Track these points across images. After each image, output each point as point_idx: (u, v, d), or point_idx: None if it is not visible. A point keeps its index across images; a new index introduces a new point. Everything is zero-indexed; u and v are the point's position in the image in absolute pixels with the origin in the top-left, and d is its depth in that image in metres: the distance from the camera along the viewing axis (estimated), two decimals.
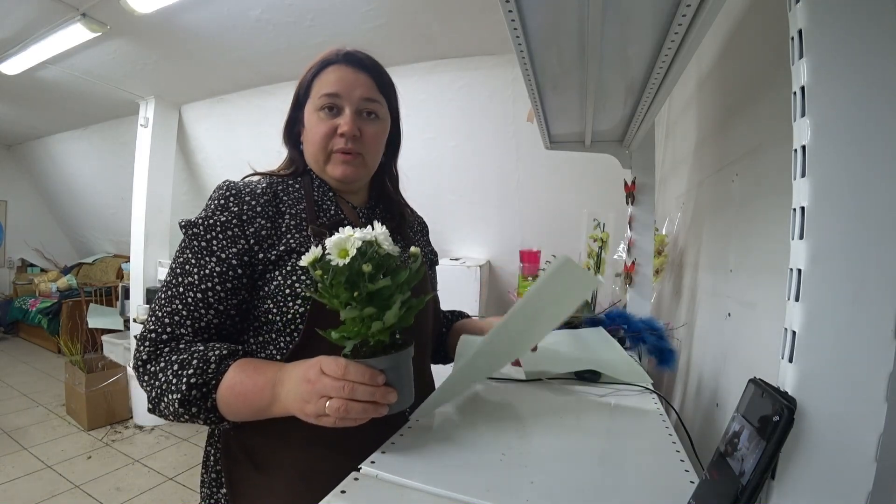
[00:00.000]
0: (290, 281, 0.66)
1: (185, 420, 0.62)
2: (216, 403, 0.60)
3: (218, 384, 0.60)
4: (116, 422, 2.95)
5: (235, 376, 0.60)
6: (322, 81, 0.73)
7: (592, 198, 2.42)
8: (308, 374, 0.54)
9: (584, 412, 0.75)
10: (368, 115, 0.75)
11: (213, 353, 0.62)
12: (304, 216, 0.71)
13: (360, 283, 0.50)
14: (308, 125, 0.75)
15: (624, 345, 1.10)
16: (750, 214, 0.83)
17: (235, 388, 0.60)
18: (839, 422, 0.34)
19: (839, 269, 0.35)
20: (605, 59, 0.78)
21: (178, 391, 0.59)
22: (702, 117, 1.28)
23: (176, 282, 0.66)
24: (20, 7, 2.21)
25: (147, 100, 3.39)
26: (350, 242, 0.49)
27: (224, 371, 0.61)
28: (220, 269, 0.66)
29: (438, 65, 2.49)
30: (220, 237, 0.67)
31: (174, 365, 0.61)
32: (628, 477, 0.56)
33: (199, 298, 0.65)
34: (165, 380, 0.61)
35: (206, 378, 0.60)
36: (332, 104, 0.73)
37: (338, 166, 0.74)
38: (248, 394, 0.60)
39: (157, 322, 0.65)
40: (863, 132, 0.34)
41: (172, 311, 0.65)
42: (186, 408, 0.60)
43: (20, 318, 4.88)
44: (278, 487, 0.65)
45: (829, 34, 0.35)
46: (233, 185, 0.70)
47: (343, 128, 0.72)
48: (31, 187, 5.56)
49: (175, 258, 0.68)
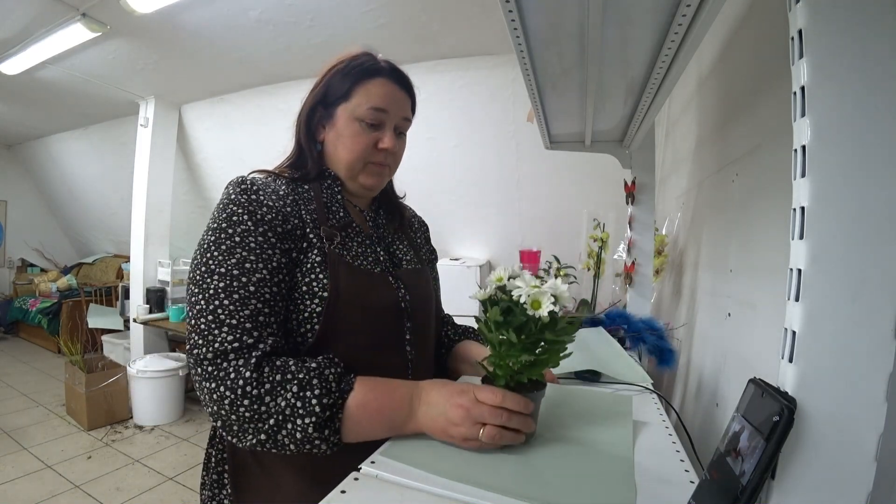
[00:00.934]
0: (308, 279, 0.66)
1: (306, 449, 0.57)
2: (341, 425, 0.57)
3: (344, 403, 0.58)
4: (116, 422, 2.95)
5: (365, 394, 0.59)
6: (370, 93, 0.72)
7: (592, 198, 2.43)
8: (460, 399, 0.57)
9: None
10: (400, 132, 0.77)
11: (328, 371, 0.59)
12: (316, 216, 0.71)
13: (531, 327, 0.55)
14: (344, 131, 0.73)
15: (624, 345, 1.10)
16: (750, 214, 0.83)
17: (368, 405, 0.58)
18: (839, 422, 0.34)
19: (839, 269, 0.35)
20: (605, 59, 0.78)
21: (311, 413, 0.55)
22: (702, 117, 1.28)
23: (239, 283, 0.60)
24: (20, 7, 2.21)
25: (147, 100, 3.39)
26: (546, 297, 0.54)
27: (349, 390, 0.59)
28: (285, 259, 0.65)
29: (439, 65, 2.49)
30: (273, 231, 0.64)
31: (291, 385, 0.56)
32: None
33: (275, 292, 0.63)
34: (287, 403, 0.56)
35: (333, 398, 0.57)
36: (377, 120, 0.72)
37: (371, 177, 0.75)
38: (384, 410, 0.58)
39: (234, 329, 0.58)
40: (863, 132, 0.34)
41: (253, 313, 0.60)
42: (320, 431, 0.56)
43: (20, 318, 4.88)
44: (284, 487, 0.65)
45: (829, 34, 0.35)
46: (257, 182, 0.68)
47: (386, 144, 0.73)
48: (31, 187, 5.56)
49: (219, 261, 0.61)
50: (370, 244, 0.76)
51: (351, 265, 0.70)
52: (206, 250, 0.62)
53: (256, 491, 0.67)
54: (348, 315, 0.67)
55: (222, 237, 0.62)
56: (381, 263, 0.75)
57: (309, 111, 0.76)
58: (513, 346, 0.57)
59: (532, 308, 0.54)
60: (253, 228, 0.63)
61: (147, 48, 2.60)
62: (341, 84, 0.73)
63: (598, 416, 0.73)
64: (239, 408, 0.55)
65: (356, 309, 0.68)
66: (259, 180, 0.69)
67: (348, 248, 0.72)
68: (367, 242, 0.76)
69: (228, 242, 0.62)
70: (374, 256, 0.75)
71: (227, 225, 0.63)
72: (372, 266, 0.74)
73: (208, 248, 0.62)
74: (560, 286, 0.57)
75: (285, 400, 0.56)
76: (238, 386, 0.56)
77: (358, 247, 0.74)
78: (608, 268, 1.55)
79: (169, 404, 3.01)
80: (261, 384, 0.56)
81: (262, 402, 0.56)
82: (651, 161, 1.35)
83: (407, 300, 0.74)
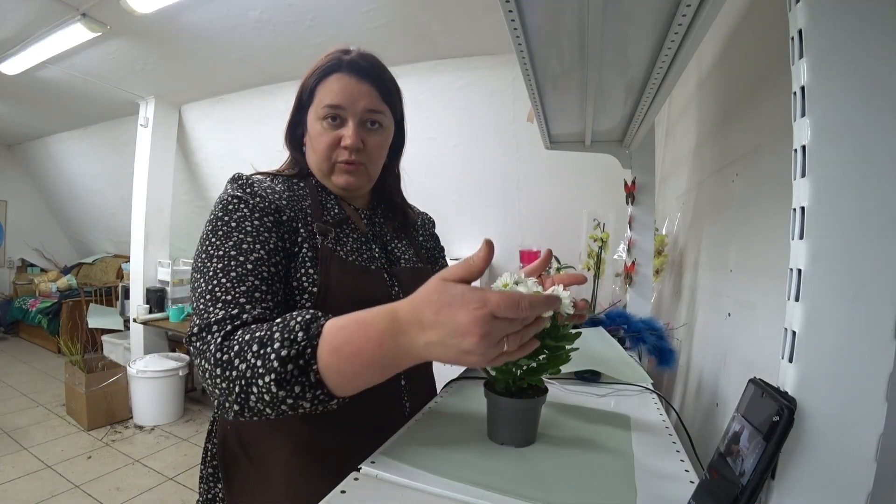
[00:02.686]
0: (298, 274, 0.65)
1: (286, 409, 0.50)
2: (321, 377, 0.49)
3: (315, 351, 0.49)
4: (116, 422, 2.95)
5: (335, 337, 0.49)
6: (325, 90, 0.71)
7: (592, 198, 2.42)
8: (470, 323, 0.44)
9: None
10: (371, 124, 0.74)
11: (293, 321, 0.51)
12: (310, 212, 0.71)
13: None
14: (311, 133, 0.74)
15: (624, 345, 1.10)
16: (750, 214, 0.83)
17: (343, 349, 0.49)
18: (839, 422, 0.34)
19: (839, 269, 0.35)
20: (605, 59, 0.78)
21: (270, 370, 0.49)
22: (702, 117, 1.28)
23: (236, 262, 0.59)
24: (20, 7, 2.21)
25: (147, 100, 3.39)
26: None
27: (317, 334, 0.50)
28: (281, 244, 0.65)
29: (439, 65, 2.49)
30: (269, 217, 0.65)
31: (252, 345, 0.51)
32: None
33: (273, 272, 0.62)
34: (247, 366, 0.50)
35: (298, 348, 0.49)
36: (335, 115, 0.72)
37: (341, 176, 0.74)
38: (362, 353, 0.48)
39: (227, 304, 0.56)
40: (863, 132, 0.34)
41: (250, 289, 0.58)
42: (287, 388, 0.49)
43: (20, 318, 4.88)
44: (274, 481, 0.65)
45: (829, 34, 0.35)
46: (253, 177, 0.69)
47: (346, 141, 0.71)
48: (31, 187, 5.56)
49: (216, 245, 0.61)
50: (365, 241, 0.76)
51: (344, 260, 0.69)
52: (206, 239, 0.63)
53: (246, 485, 0.67)
54: (338, 311, 0.62)
55: (219, 224, 0.63)
56: (377, 260, 0.75)
57: (290, 119, 0.77)
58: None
59: None
60: (249, 214, 0.64)
61: (147, 48, 2.60)
62: (308, 87, 0.74)
63: (598, 418, 0.73)
64: (216, 378, 0.52)
65: (347, 305, 0.63)
66: (257, 176, 0.71)
67: (342, 244, 0.72)
68: (361, 240, 0.76)
69: (225, 228, 0.62)
70: (370, 253, 0.75)
71: (224, 213, 0.64)
72: (367, 262, 0.73)
73: (207, 237, 0.63)
74: (561, 293, 0.57)
75: (246, 362, 0.50)
76: (211, 354, 0.52)
77: (353, 243, 0.74)
78: (608, 268, 1.55)
79: (169, 404, 3.02)
80: (230, 348, 0.52)
81: (232, 366, 0.51)
82: (651, 161, 1.35)
83: (401, 298, 0.71)
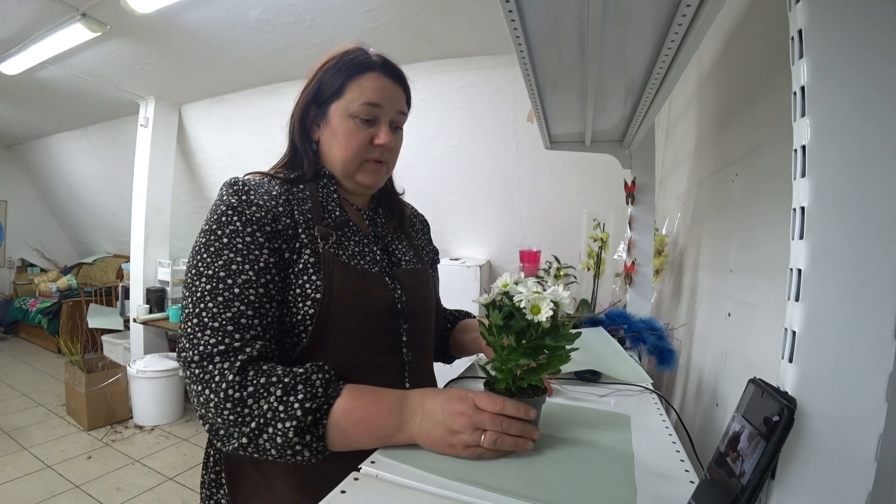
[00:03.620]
0: (300, 280, 0.64)
1: (288, 455, 0.56)
2: (326, 431, 0.56)
3: (330, 409, 0.56)
4: (116, 422, 2.94)
5: (351, 401, 0.57)
6: (363, 87, 0.70)
7: (592, 198, 2.43)
8: (460, 406, 0.56)
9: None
10: (396, 127, 0.76)
11: (316, 376, 0.58)
12: (311, 216, 0.70)
13: (532, 332, 0.56)
14: (338, 129, 0.72)
15: (624, 345, 1.10)
16: (750, 214, 0.83)
17: (354, 412, 0.56)
18: (839, 422, 0.34)
19: (839, 269, 0.35)
20: (605, 59, 0.78)
21: (293, 417, 0.54)
22: (702, 117, 1.28)
23: (224, 286, 0.60)
24: (20, 7, 2.21)
25: (147, 100, 3.39)
26: (545, 303, 0.55)
27: (335, 395, 0.57)
28: (274, 259, 0.63)
29: (438, 65, 2.49)
30: (262, 230, 0.63)
31: (276, 389, 0.56)
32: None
33: (261, 293, 0.61)
34: (269, 407, 0.55)
35: (318, 402, 0.56)
36: (372, 115, 0.71)
37: (369, 175, 0.74)
38: (371, 419, 0.56)
39: (216, 332, 0.58)
40: (863, 132, 0.34)
41: (235, 315, 0.59)
42: (301, 436, 0.54)
43: (20, 318, 4.88)
44: (279, 488, 0.65)
45: (829, 34, 0.35)
46: (249, 182, 0.67)
47: (381, 140, 0.72)
48: (31, 187, 5.56)
49: (206, 263, 0.61)
50: (367, 243, 0.75)
51: (346, 265, 0.68)
52: (197, 253, 0.62)
53: (251, 491, 0.67)
54: (342, 316, 0.65)
55: (212, 239, 0.62)
56: (379, 263, 0.74)
57: (302, 110, 0.74)
58: (514, 350, 0.57)
59: (532, 313, 0.55)
60: (241, 229, 0.62)
61: (147, 48, 2.60)
62: (333, 81, 0.71)
63: (598, 420, 0.73)
64: (223, 411, 0.55)
65: (351, 310, 0.66)
66: (252, 181, 0.68)
67: (344, 247, 0.71)
68: (364, 242, 0.75)
69: (217, 244, 0.62)
70: (372, 256, 0.74)
71: (217, 226, 0.63)
72: (369, 266, 0.72)
73: (199, 252, 0.62)
74: (561, 293, 0.57)
75: (268, 403, 0.55)
76: (221, 389, 0.55)
77: (355, 246, 0.73)
78: (608, 268, 1.55)
79: (169, 404, 3.01)
80: (244, 387, 0.55)
81: (245, 404, 0.55)
82: (651, 161, 1.35)
83: (403, 301, 0.72)
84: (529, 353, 0.57)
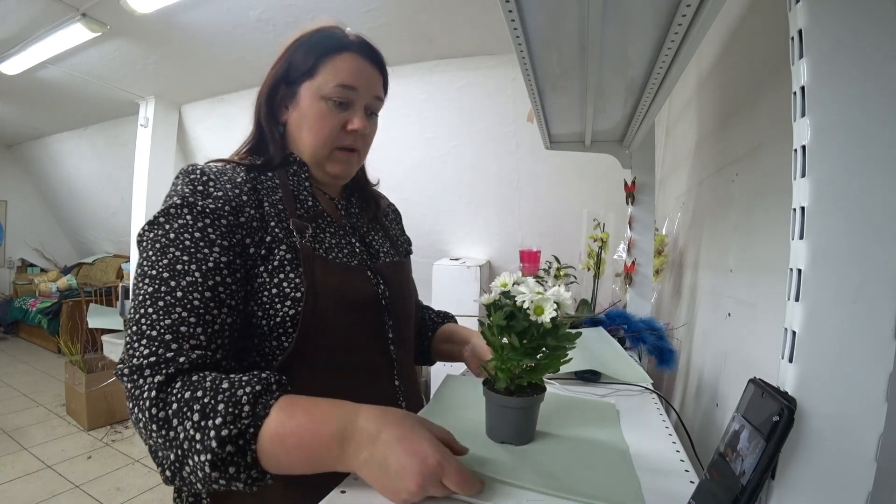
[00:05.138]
0: (276, 279, 0.59)
1: (218, 487, 0.47)
2: (257, 456, 0.47)
3: (258, 432, 0.47)
4: (116, 422, 2.94)
5: (282, 424, 0.47)
6: (337, 68, 0.65)
7: (592, 198, 2.42)
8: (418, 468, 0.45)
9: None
10: (370, 112, 0.71)
11: (242, 391, 0.48)
12: (283, 207, 0.63)
13: (534, 332, 0.56)
14: (308, 112, 0.66)
15: (624, 345, 1.10)
16: (750, 214, 0.83)
17: (286, 439, 0.47)
18: (839, 422, 0.34)
19: (839, 269, 0.35)
20: (605, 59, 0.78)
21: (207, 449, 0.45)
22: (702, 117, 1.28)
23: (167, 288, 0.52)
24: (20, 7, 2.21)
25: (147, 100, 3.39)
26: (549, 304, 0.56)
27: (263, 415, 0.47)
28: (227, 258, 0.56)
29: (438, 65, 2.49)
30: (216, 224, 0.56)
31: (192, 412, 0.46)
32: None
33: (208, 298, 0.54)
34: (185, 435, 0.46)
35: (240, 426, 0.46)
36: (346, 98, 0.66)
37: (338, 164, 0.69)
38: (305, 447, 0.47)
39: (152, 342, 0.50)
40: (863, 132, 0.34)
41: (175, 322, 0.51)
42: (221, 471, 0.45)
43: (20, 318, 4.88)
44: (270, 498, 0.57)
45: (829, 34, 0.35)
46: (208, 169, 0.60)
47: (355, 125, 0.66)
48: (31, 187, 5.56)
49: (151, 262, 0.54)
50: (344, 235, 0.70)
51: (325, 259, 0.63)
52: (144, 249, 0.56)
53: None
54: (327, 316, 0.60)
55: (159, 234, 0.55)
56: (358, 256, 0.69)
57: (270, 89, 0.69)
58: (514, 350, 0.57)
59: (535, 314, 0.55)
60: (191, 223, 0.55)
61: (147, 48, 2.60)
62: (305, 59, 0.66)
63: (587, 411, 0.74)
64: (151, 432, 0.48)
65: (336, 309, 0.61)
66: (213, 168, 0.61)
67: (320, 240, 0.65)
68: (340, 233, 0.69)
69: (163, 240, 0.55)
70: (350, 248, 0.69)
71: (165, 220, 0.56)
72: (348, 259, 0.67)
73: (145, 248, 0.56)
74: (563, 293, 0.58)
75: (184, 430, 0.46)
76: (146, 407, 0.48)
77: (331, 238, 0.67)
78: (608, 268, 1.55)
79: None
80: (167, 405, 0.47)
81: (170, 425, 0.47)
82: (651, 161, 1.35)
83: (387, 296, 0.68)
84: (530, 352, 0.57)
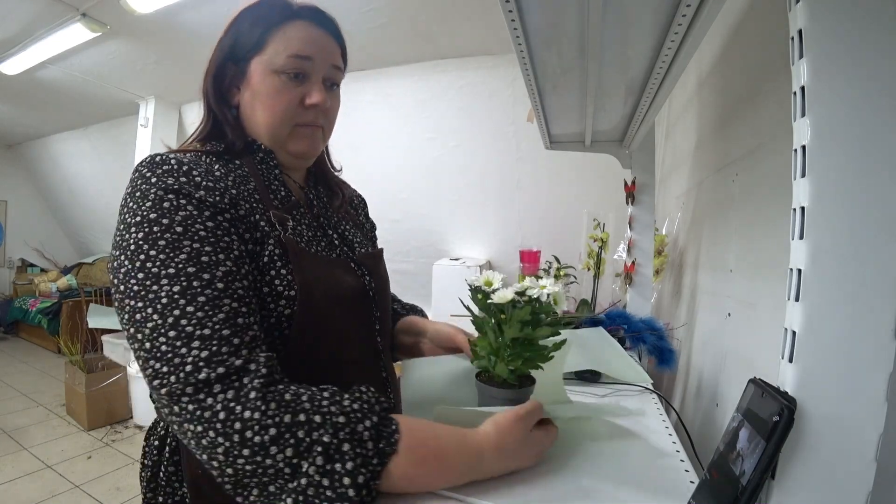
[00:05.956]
0: (268, 277, 0.54)
1: None
2: (378, 494, 0.44)
3: (384, 470, 0.44)
4: (116, 422, 2.94)
5: (412, 466, 0.45)
6: (288, 38, 0.60)
7: (592, 198, 2.42)
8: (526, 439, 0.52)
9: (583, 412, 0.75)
10: (331, 85, 0.65)
11: (363, 427, 0.44)
12: (258, 197, 0.59)
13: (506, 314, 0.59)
14: (261, 88, 0.61)
15: (624, 345, 1.10)
16: (750, 214, 0.83)
17: (416, 480, 0.46)
18: (839, 422, 0.34)
19: (839, 269, 0.35)
20: (605, 59, 0.78)
21: (343, 498, 0.41)
22: (702, 117, 1.28)
23: (202, 282, 0.46)
24: (20, 7, 2.21)
25: (147, 100, 3.39)
26: (497, 279, 0.61)
27: (391, 453, 0.44)
28: (246, 248, 0.53)
29: (438, 65, 2.49)
30: (222, 215, 0.52)
31: (312, 450, 0.42)
32: (628, 477, 0.55)
33: (247, 287, 0.50)
34: (309, 482, 0.41)
35: (371, 471, 0.43)
36: (300, 69, 0.60)
37: (301, 141, 0.64)
38: (436, 483, 0.47)
39: (209, 343, 0.44)
40: (863, 132, 0.34)
41: (230, 316, 0.46)
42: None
43: (20, 318, 4.88)
44: None
45: (829, 34, 0.35)
46: (183, 160, 0.53)
47: (314, 98, 0.61)
48: (31, 187, 5.57)
49: (161, 261, 0.47)
50: (318, 226, 0.67)
51: (309, 253, 0.60)
52: (137, 252, 0.47)
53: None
54: (321, 313, 0.58)
55: (155, 231, 0.48)
56: (337, 248, 0.67)
57: (216, 70, 0.63)
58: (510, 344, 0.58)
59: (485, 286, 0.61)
60: (196, 213, 0.50)
61: (147, 48, 2.60)
62: (251, 32, 0.61)
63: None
64: (237, 458, 0.41)
65: (328, 304, 0.59)
66: (185, 157, 0.55)
67: (299, 233, 0.62)
68: (314, 225, 0.66)
69: (168, 236, 0.48)
70: (328, 240, 0.66)
71: (158, 214, 0.48)
72: (328, 252, 0.64)
73: (138, 250, 0.47)
74: (557, 288, 0.60)
75: (307, 477, 0.41)
76: (234, 431, 0.41)
77: (308, 230, 0.64)
78: (608, 268, 1.55)
79: None
80: (264, 428, 0.42)
81: (268, 453, 0.41)
82: (651, 161, 1.35)
83: (373, 287, 0.66)
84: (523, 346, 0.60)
